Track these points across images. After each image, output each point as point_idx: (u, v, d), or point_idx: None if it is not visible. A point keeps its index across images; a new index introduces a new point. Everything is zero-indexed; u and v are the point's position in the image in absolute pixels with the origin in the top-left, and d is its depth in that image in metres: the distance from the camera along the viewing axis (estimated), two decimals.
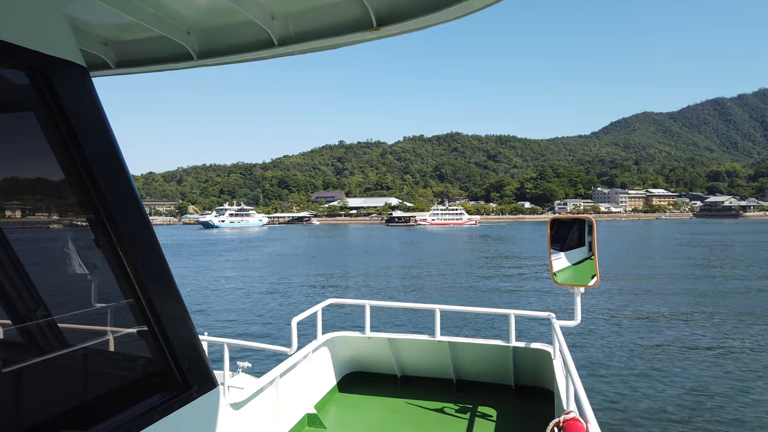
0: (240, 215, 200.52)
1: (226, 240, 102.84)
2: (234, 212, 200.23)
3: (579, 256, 4.92)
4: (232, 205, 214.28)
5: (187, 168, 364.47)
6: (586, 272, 4.77)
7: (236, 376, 5.70)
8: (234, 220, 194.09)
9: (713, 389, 14.13)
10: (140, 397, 2.30)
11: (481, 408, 5.70)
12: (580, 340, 19.08)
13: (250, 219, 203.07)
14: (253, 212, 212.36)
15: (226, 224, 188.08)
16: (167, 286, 2.47)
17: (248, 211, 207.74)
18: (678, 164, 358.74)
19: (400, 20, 2.66)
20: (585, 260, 4.84)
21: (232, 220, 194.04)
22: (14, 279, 2.05)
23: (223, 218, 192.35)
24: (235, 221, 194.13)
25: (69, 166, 2.10)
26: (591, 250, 4.77)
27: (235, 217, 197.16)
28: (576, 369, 3.55)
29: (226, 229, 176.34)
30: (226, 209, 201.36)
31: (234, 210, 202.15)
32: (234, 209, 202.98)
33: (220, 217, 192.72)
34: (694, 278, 38.25)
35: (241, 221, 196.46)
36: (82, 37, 3.17)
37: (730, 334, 20.47)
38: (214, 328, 16.09)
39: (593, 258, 4.72)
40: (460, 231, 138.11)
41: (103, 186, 2.16)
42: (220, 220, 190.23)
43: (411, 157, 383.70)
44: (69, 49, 2.16)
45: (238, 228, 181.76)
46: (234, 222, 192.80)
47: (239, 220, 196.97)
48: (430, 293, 32.75)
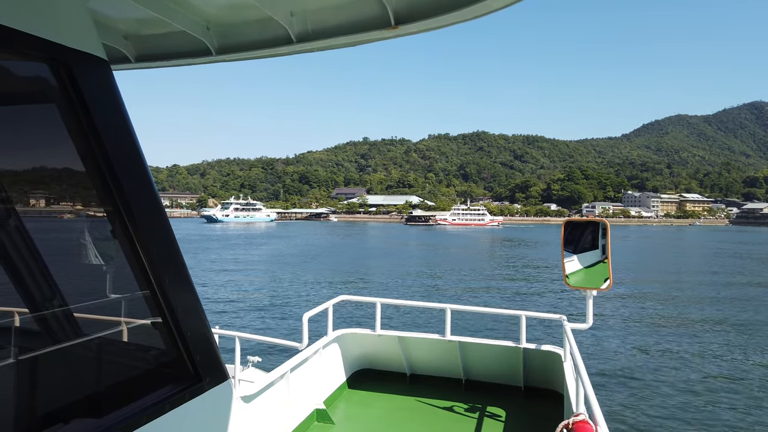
0: (246, 210, 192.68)
1: (226, 236, 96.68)
2: (240, 206, 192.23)
3: (592, 258, 4.95)
4: (239, 198, 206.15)
5: (211, 161, 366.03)
6: (599, 275, 4.77)
7: (246, 370, 5.62)
8: (239, 215, 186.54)
9: (727, 399, 13.79)
10: (152, 387, 2.33)
11: (490, 408, 5.72)
12: (592, 344, 18.80)
13: (257, 214, 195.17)
14: (261, 207, 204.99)
15: (231, 219, 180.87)
16: (182, 278, 2.49)
17: (255, 206, 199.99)
18: (713, 169, 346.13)
19: (418, 19, 2.67)
20: (598, 263, 4.87)
21: (237, 214, 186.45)
22: (32, 268, 2.07)
23: (228, 212, 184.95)
24: (241, 216, 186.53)
25: (88, 158, 2.13)
26: (604, 253, 4.80)
27: (240, 211, 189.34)
28: (586, 372, 3.53)
29: (230, 224, 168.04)
30: (231, 203, 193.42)
31: (240, 204, 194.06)
32: (240, 203, 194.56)
33: (224, 212, 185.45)
34: (719, 286, 36.48)
35: (246, 216, 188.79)
36: (104, 31, 3.19)
37: (750, 346, 19.68)
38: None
39: (606, 261, 4.74)
40: (481, 233, 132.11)
41: (121, 178, 2.18)
42: (224, 214, 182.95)
43: (435, 155, 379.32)
44: (91, 42, 2.18)
45: (243, 223, 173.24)
46: (239, 217, 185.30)
47: (245, 215, 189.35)
48: (440, 298, 30.51)
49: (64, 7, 2.08)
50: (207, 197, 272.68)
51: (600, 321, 22.69)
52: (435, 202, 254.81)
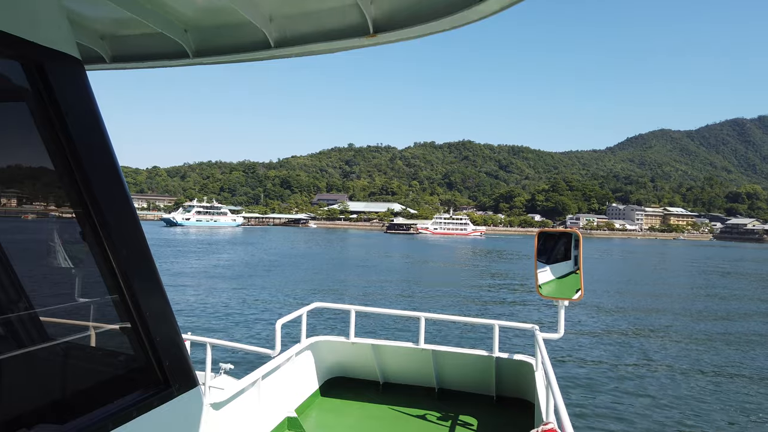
0: (210, 213, 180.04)
1: (178, 242, 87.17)
2: (202, 209, 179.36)
3: (565, 269, 4.99)
4: (202, 201, 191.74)
5: (192, 164, 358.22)
6: (571, 286, 4.81)
7: (218, 377, 5.47)
8: (201, 219, 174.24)
9: (696, 409, 13.88)
10: (120, 393, 2.29)
11: (462, 417, 5.75)
12: (563, 353, 18.84)
13: (222, 218, 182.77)
14: (227, 210, 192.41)
15: (192, 222, 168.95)
16: (152, 283, 2.46)
17: (220, 209, 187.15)
18: (695, 183, 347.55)
19: (396, 28, 2.68)
20: (570, 274, 4.91)
21: (200, 218, 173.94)
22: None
23: (189, 216, 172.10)
24: (203, 220, 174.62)
25: (59, 158, 2.09)
26: (576, 264, 4.84)
27: (203, 215, 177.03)
28: (557, 381, 3.57)
29: (191, 228, 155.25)
30: (194, 206, 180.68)
31: (203, 207, 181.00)
32: (203, 206, 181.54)
33: (185, 215, 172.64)
34: (694, 300, 36.36)
35: (210, 220, 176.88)
36: (79, 31, 3.15)
37: (721, 358, 19.89)
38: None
39: (578, 272, 4.78)
40: (462, 243, 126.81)
41: (92, 180, 2.15)
42: (185, 217, 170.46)
43: (420, 163, 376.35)
44: (65, 41, 2.14)
45: (206, 227, 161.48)
46: (201, 221, 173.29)
47: (208, 218, 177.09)
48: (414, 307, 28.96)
49: (37, 5, 2.04)
50: (184, 200, 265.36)
51: (572, 331, 22.72)
52: (418, 210, 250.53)
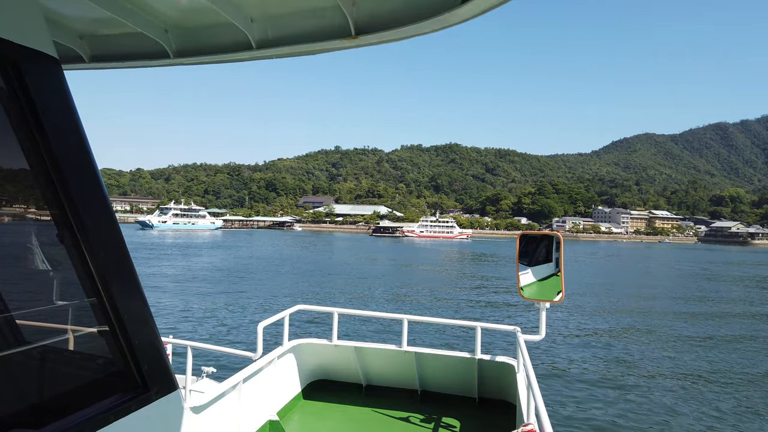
0: (187, 216, 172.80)
1: (152, 245, 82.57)
2: (179, 212, 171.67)
3: (546, 271, 5.07)
4: (179, 203, 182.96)
5: (177, 166, 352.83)
6: (552, 288, 4.88)
7: (200, 381, 5.48)
8: (178, 222, 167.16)
9: (673, 409, 13.96)
10: (97, 397, 2.27)
11: (444, 419, 5.78)
12: (545, 355, 18.85)
13: (200, 221, 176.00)
14: (205, 213, 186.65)
15: (168, 226, 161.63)
16: (131, 285, 2.44)
17: (198, 212, 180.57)
18: (679, 187, 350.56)
19: (377, 30, 2.69)
20: (551, 276, 4.99)
21: (176, 221, 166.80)
22: None
23: (165, 218, 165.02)
24: (180, 223, 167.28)
25: (35, 158, 2.06)
26: (558, 266, 4.91)
27: (180, 218, 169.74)
28: (538, 383, 3.61)
29: (168, 231, 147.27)
30: (170, 208, 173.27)
31: (180, 209, 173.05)
32: (180, 208, 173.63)
33: (161, 217, 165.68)
34: (675, 302, 35.72)
35: (187, 223, 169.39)
36: (57, 30, 3.12)
37: (702, 358, 20.02)
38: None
39: (559, 274, 4.86)
40: (448, 246, 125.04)
41: (69, 180, 2.13)
42: (161, 220, 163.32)
43: (407, 166, 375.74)
44: (41, 39, 2.12)
45: (182, 231, 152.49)
46: (178, 224, 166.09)
47: (185, 221, 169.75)
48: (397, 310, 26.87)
49: (13, 3, 2.02)
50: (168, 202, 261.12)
51: (554, 333, 22.89)
52: (404, 213, 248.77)
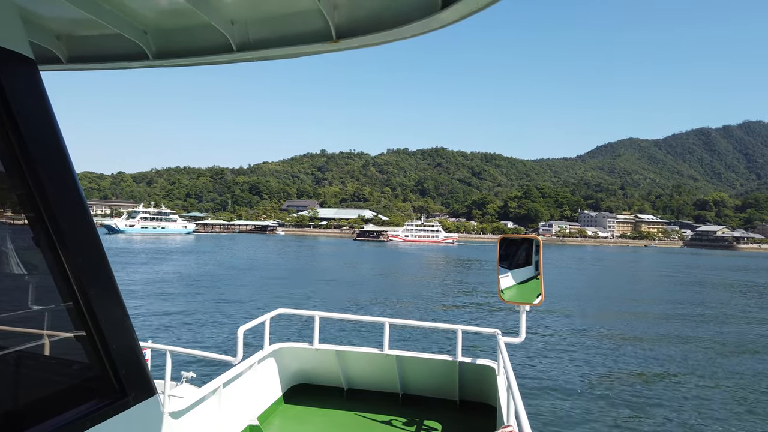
0: (157, 220, 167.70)
1: (119, 251, 78.03)
2: (149, 216, 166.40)
3: (526, 275, 5.12)
4: (149, 206, 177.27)
5: (160, 170, 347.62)
6: (532, 291, 4.93)
7: (180, 386, 5.42)
8: (147, 225, 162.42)
9: (653, 409, 14.06)
10: (73, 403, 2.23)
11: (426, 422, 5.80)
12: (525, 357, 18.87)
13: (171, 225, 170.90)
14: (177, 217, 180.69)
15: (136, 230, 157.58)
16: (108, 289, 2.42)
17: (168, 216, 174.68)
18: (664, 191, 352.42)
19: (359, 34, 2.69)
20: (531, 279, 5.05)
21: (145, 225, 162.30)
22: None
23: (133, 222, 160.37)
24: (149, 227, 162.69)
25: (9, 159, 2.04)
26: (537, 269, 4.98)
27: (149, 221, 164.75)
28: (518, 385, 3.64)
29: (135, 235, 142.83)
30: (139, 211, 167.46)
31: (149, 213, 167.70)
32: (149, 212, 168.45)
33: (129, 221, 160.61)
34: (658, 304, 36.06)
35: (156, 227, 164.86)
36: (34, 30, 3.08)
37: (682, 361, 20.04)
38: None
39: (539, 277, 4.92)
40: (433, 251, 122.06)
41: (45, 183, 2.10)
42: (129, 224, 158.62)
43: (393, 170, 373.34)
44: (17, 40, 2.11)
45: (152, 235, 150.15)
46: (147, 227, 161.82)
47: (155, 225, 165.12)
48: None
49: None
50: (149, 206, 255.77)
51: (534, 335, 23.00)
52: (390, 217, 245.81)
